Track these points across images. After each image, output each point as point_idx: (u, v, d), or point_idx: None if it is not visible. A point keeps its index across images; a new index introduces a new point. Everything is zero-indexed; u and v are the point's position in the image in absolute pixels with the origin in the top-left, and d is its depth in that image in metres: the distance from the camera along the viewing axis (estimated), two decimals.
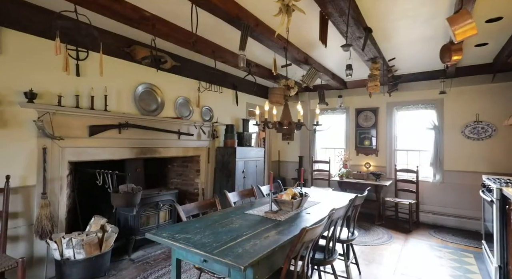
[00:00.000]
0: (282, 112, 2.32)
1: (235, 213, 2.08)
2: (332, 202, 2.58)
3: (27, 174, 2.34)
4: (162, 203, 3.29)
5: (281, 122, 2.22)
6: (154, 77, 3.41)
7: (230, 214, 2.05)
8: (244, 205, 2.41)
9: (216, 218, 1.95)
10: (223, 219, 1.91)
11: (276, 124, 2.21)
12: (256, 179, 4.66)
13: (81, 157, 2.68)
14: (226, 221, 1.87)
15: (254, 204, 2.41)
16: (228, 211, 2.15)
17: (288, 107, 2.33)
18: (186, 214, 1.99)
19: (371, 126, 4.96)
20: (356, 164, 5.11)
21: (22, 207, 2.31)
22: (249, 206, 2.33)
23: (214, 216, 2.00)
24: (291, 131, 2.18)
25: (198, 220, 1.89)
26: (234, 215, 2.02)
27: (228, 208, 2.25)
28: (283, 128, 2.21)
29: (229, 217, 1.96)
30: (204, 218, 1.94)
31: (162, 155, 3.50)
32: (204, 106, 4.17)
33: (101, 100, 2.84)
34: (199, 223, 1.80)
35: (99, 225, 2.57)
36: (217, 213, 2.08)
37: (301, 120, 2.18)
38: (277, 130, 2.31)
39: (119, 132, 2.97)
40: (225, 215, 2.03)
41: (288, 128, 2.20)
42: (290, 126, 2.18)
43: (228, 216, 2.01)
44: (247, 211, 2.15)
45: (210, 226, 1.74)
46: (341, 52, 3.46)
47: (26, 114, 2.31)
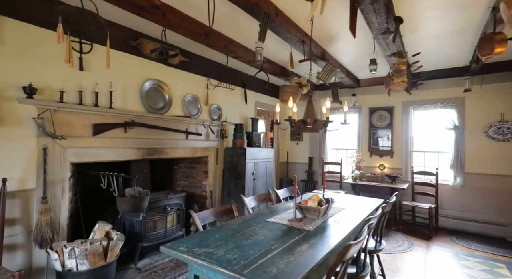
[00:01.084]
0: (306, 109, 2.12)
1: (256, 221, 1.88)
2: (357, 208, 2.37)
3: (26, 176, 2.14)
4: (169, 207, 3.09)
5: (305, 120, 2.01)
6: (162, 73, 3.21)
7: (251, 222, 1.84)
8: (263, 211, 2.20)
9: (236, 227, 1.74)
10: (244, 229, 1.70)
11: (300, 122, 2.00)
12: (266, 181, 4.45)
13: (84, 158, 2.48)
14: (248, 231, 1.67)
15: (273, 210, 2.20)
16: (247, 219, 1.94)
17: (312, 104, 2.13)
18: (202, 222, 1.79)
19: (385, 126, 4.75)
20: (369, 166, 4.90)
21: (20, 213, 2.11)
22: (269, 213, 2.13)
23: (233, 224, 1.79)
24: (315, 129, 1.97)
25: (216, 229, 1.68)
26: (255, 224, 1.82)
27: (247, 215, 2.05)
28: (307, 127, 2.01)
29: (250, 226, 1.76)
30: (223, 227, 1.74)
31: (170, 156, 3.30)
32: (213, 105, 3.97)
33: (106, 97, 2.64)
34: (219, 234, 1.60)
35: (103, 232, 2.37)
36: (236, 221, 1.87)
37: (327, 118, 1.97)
38: (299, 130, 2.11)
39: (125, 132, 2.77)
40: (245, 223, 1.83)
41: (312, 127, 2.00)
42: (314, 125, 1.97)
43: (248, 224, 1.80)
44: (268, 218, 1.94)
45: (232, 238, 1.54)
46: (358, 47, 3.26)
47: (25, 111, 2.11)
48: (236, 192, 3.97)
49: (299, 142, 5.79)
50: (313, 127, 1.99)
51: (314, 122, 1.97)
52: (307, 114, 2.06)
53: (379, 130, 4.80)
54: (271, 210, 2.23)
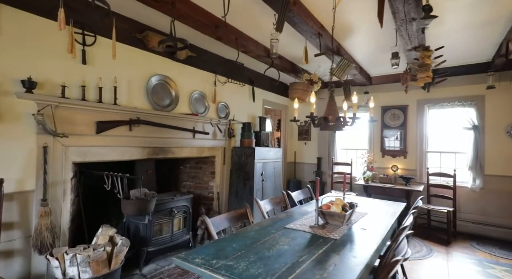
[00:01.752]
0: (327, 106, 1.95)
1: (274, 228, 1.71)
2: (380, 213, 2.20)
3: (25, 177, 1.98)
4: (176, 210, 2.93)
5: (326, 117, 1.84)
6: (168, 69, 3.05)
7: (269, 229, 1.68)
8: (279, 216, 2.03)
9: (254, 234, 1.58)
10: (264, 237, 1.54)
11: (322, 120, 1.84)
12: (274, 182, 4.29)
13: (87, 157, 2.32)
14: (269, 239, 1.50)
15: (290, 215, 2.04)
16: (264, 225, 1.77)
17: (334, 100, 1.96)
18: (215, 229, 1.62)
19: (399, 125, 4.57)
20: (381, 167, 4.71)
21: (18, 216, 1.96)
22: (286, 218, 1.96)
23: (249, 231, 1.63)
24: (338, 127, 1.80)
25: (233, 237, 1.52)
26: (274, 231, 1.65)
27: (264, 221, 1.88)
28: (329, 125, 1.84)
29: (269, 234, 1.59)
30: (240, 234, 1.57)
31: (176, 155, 3.14)
32: (220, 102, 3.81)
33: (110, 92, 2.48)
34: (237, 243, 1.43)
35: (107, 237, 2.21)
36: (252, 228, 1.71)
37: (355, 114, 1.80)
38: (320, 128, 1.94)
39: (130, 130, 2.61)
40: (263, 230, 1.66)
41: (334, 125, 1.83)
42: (337, 122, 1.80)
43: (267, 232, 1.63)
44: (287, 225, 1.77)
45: (252, 248, 1.37)
46: (374, 41, 3.09)
47: (23, 107, 1.96)
48: (244, 193, 3.81)
49: (307, 142, 5.61)
50: (335, 125, 1.82)
51: (336, 120, 1.80)
52: (328, 111, 1.89)
53: (392, 130, 4.62)
54: (288, 214, 2.06)
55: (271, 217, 1.98)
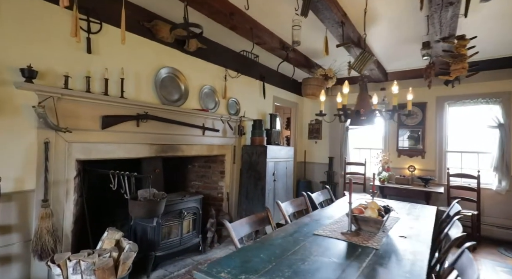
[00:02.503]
0: (359, 98, 1.75)
1: (302, 234, 1.52)
2: (413, 218, 2.00)
3: (24, 175, 1.81)
4: (185, 211, 2.75)
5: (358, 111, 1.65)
6: (177, 61, 2.87)
7: (296, 236, 1.49)
8: (302, 220, 1.84)
9: (281, 242, 1.39)
10: (293, 245, 1.35)
11: (354, 113, 1.64)
12: (286, 182, 4.09)
13: (92, 155, 2.15)
14: (299, 248, 1.31)
15: (315, 219, 1.84)
16: (290, 231, 1.58)
17: (367, 92, 1.76)
18: (237, 235, 1.43)
19: (417, 124, 4.34)
20: (397, 167, 4.49)
21: (16, 218, 1.79)
22: (311, 222, 1.77)
23: (275, 238, 1.44)
24: (370, 121, 1.61)
25: (258, 246, 1.33)
26: (303, 238, 1.46)
27: (288, 226, 1.69)
28: (361, 119, 1.64)
29: (298, 242, 1.40)
30: (265, 242, 1.38)
31: (185, 153, 2.96)
32: (231, 98, 3.62)
33: (117, 85, 2.30)
34: (264, 252, 1.24)
35: (113, 241, 2.03)
36: (277, 234, 1.52)
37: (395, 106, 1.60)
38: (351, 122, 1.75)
39: (137, 125, 2.43)
40: (290, 237, 1.47)
41: (366, 119, 1.63)
42: (369, 116, 1.61)
43: (295, 239, 1.44)
44: (316, 231, 1.58)
45: (283, 258, 1.18)
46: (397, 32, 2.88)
47: (23, 98, 1.79)
48: (255, 194, 3.62)
49: (318, 141, 5.41)
50: (368, 119, 1.63)
51: (369, 113, 1.61)
52: (361, 104, 1.69)
53: (409, 129, 4.40)
54: (312, 218, 1.86)
55: (294, 222, 1.79)
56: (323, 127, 5.36)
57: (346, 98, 1.66)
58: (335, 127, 5.12)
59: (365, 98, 1.71)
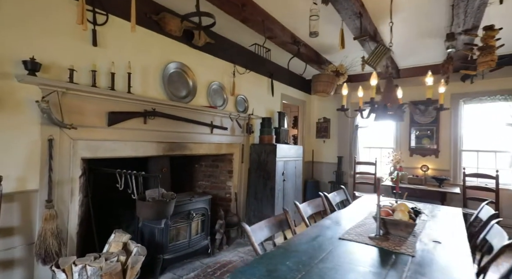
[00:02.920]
0: (386, 91, 1.62)
1: (327, 239, 1.40)
2: (438, 219, 1.87)
3: (27, 174, 1.71)
4: (194, 212, 2.64)
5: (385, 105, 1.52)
6: (185, 56, 2.76)
7: (321, 241, 1.37)
8: (323, 223, 1.72)
9: (306, 248, 1.27)
10: (319, 251, 1.23)
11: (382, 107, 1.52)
12: (295, 182, 3.97)
13: (98, 153, 2.04)
14: (327, 255, 1.19)
15: (337, 222, 1.72)
16: (312, 235, 1.46)
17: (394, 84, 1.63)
18: (256, 240, 1.32)
19: (430, 122, 4.20)
20: (409, 167, 4.35)
21: (19, 220, 1.69)
22: (333, 225, 1.65)
23: (298, 243, 1.32)
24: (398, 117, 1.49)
25: (282, 252, 1.21)
26: (328, 243, 1.34)
27: (309, 230, 1.57)
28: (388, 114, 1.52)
29: (324, 248, 1.28)
30: (288, 248, 1.27)
31: (193, 152, 2.85)
32: (239, 95, 3.51)
33: (124, 79, 2.20)
34: (290, 260, 1.12)
35: (120, 244, 1.93)
36: (299, 238, 1.40)
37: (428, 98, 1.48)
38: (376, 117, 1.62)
39: (145, 123, 2.33)
40: (314, 242, 1.35)
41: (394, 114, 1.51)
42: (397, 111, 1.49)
43: (320, 244, 1.32)
44: (341, 235, 1.46)
45: (312, 266, 1.06)
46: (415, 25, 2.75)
47: (25, 92, 1.68)
48: (264, 194, 3.50)
49: (326, 140, 5.28)
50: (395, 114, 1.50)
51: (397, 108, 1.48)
52: (388, 97, 1.57)
53: (423, 127, 4.26)
54: (333, 221, 1.74)
55: (314, 225, 1.67)
56: (332, 126, 5.23)
57: (374, 90, 1.54)
58: (344, 126, 4.99)
59: (392, 92, 1.59)
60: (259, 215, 3.52)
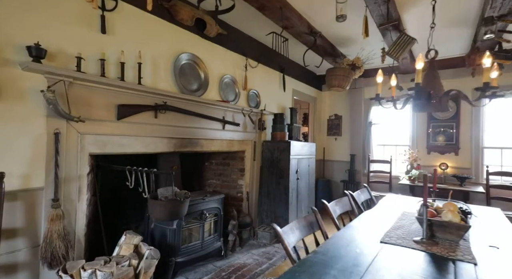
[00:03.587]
0: (427, 77, 1.46)
1: (366, 242, 1.25)
2: (480, 220, 1.70)
3: (31, 170, 1.57)
4: (207, 212, 2.49)
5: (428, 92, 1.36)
6: (197, 47, 2.62)
7: (360, 244, 1.21)
8: (354, 224, 1.56)
9: (346, 252, 1.12)
10: (364, 257, 1.08)
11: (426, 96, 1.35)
12: (309, 181, 3.81)
13: (107, 148, 1.90)
14: (375, 262, 1.04)
15: (367, 224, 1.56)
16: (348, 238, 1.31)
17: (437, 72, 1.47)
18: (289, 244, 1.16)
19: (450, 118, 4.01)
20: (426, 165, 4.17)
21: (23, 220, 1.55)
22: (365, 227, 1.49)
23: (336, 248, 1.17)
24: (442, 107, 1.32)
25: (321, 259, 1.06)
26: (369, 247, 1.18)
27: (342, 232, 1.41)
28: (431, 103, 1.36)
29: (366, 253, 1.13)
30: (326, 253, 1.11)
31: (204, 149, 2.71)
32: (251, 90, 3.35)
33: (134, 70, 2.06)
34: (333, 268, 0.97)
35: (132, 246, 1.78)
36: (336, 242, 1.24)
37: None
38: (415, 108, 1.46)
39: (155, 117, 2.19)
40: (352, 246, 1.20)
41: (438, 104, 1.35)
42: (442, 100, 1.32)
43: (362, 249, 1.17)
44: (380, 238, 1.30)
45: (361, 276, 0.90)
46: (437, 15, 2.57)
47: (29, 82, 1.55)
48: (277, 194, 3.34)
49: (338, 137, 5.11)
50: (440, 103, 1.34)
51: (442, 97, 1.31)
52: (430, 84, 1.40)
53: (441, 123, 4.07)
54: (364, 222, 1.58)
55: (346, 226, 1.50)
56: (344, 123, 5.05)
57: (419, 75, 1.37)
58: (357, 123, 4.81)
59: (436, 78, 1.42)
60: (272, 215, 3.37)
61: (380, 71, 1.63)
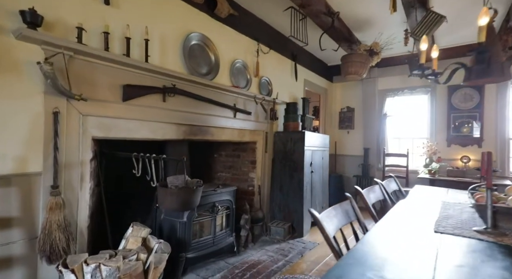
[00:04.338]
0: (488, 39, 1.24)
1: (418, 232, 1.04)
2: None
3: (28, 153, 1.40)
4: (219, 205, 2.31)
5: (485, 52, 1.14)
6: (207, 27, 2.43)
7: (412, 234, 1.01)
8: (395, 215, 1.36)
9: (398, 243, 0.91)
10: (425, 250, 0.87)
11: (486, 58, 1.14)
12: (322, 176, 3.60)
13: (111, 133, 1.73)
14: (439, 254, 0.83)
15: (408, 214, 1.36)
16: (396, 228, 1.10)
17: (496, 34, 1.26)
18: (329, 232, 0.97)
19: (472, 108, 3.78)
20: (446, 158, 3.93)
21: (18, 209, 1.38)
22: (409, 217, 1.29)
23: (387, 239, 0.97)
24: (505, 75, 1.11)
25: (374, 252, 0.86)
26: (424, 237, 0.99)
27: (383, 222, 1.21)
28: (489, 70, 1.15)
29: (424, 244, 0.93)
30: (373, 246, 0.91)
31: (215, 138, 2.52)
32: (263, 77, 3.17)
33: (140, 48, 1.88)
34: (387, 263, 0.77)
35: (139, 240, 1.61)
36: (380, 232, 1.04)
37: None
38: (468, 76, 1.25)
39: (164, 100, 2.01)
40: (406, 237, 1.00)
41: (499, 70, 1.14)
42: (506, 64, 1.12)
43: (416, 240, 0.97)
44: (435, 227, 1.10)
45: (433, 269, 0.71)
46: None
47: (25, 53, 1.38)
48: (290, 187, 3.15)
49: (350, 131, 4.89)
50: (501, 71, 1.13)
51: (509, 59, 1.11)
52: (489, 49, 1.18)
53: (463, 114, 3.84)
54: (403, 213, 1.38)
55: (387, 216, 1.31)
56: (356, 116, 4.84)
57: (483, 33, 1.15)
58: (370, 115, 4.59)
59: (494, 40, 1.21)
60: (286, 210, 3.18)
61: (425, 37, 1.43)
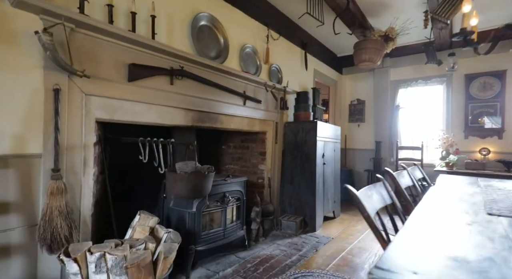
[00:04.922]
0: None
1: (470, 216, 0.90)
2: None
3: (26, 132, 1.29)
4: (230, 195, 2.18)
5: None
6: (215, 8, 2.31)
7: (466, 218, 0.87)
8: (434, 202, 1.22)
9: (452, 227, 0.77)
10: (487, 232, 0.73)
11: None
12: (334, 168, 3.46)
13: (116, 115, 1.61)
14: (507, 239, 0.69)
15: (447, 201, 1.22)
16: (442, 212, 0.96)
17: None
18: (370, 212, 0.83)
19: (492, 97, 3.60)
20: (464, 151, 3.76)
21: (16, 193, 1.27)
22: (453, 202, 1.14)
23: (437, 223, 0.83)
24: None
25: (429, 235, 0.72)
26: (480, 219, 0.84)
27: (421, 207, 1.07)
28: None
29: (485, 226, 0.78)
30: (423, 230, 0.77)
31: (224, 126, 2.40)
32: (273, 65, 3.03)
33: (146, 25, 1.77)
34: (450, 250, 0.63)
35: (147, 229, 1.49)
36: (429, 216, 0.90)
37: None
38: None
39: (171, 83, 1.89)
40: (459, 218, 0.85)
41: None
42: None
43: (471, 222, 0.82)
44: (487, 210, 0.95)
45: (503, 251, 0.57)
46: None
47: (22, 23, 1.27)
48: (302, 179, 3.01)
49: (361, 124, 4.73)
50: None
51: None
52: None
53: (482, 104, 3.66)
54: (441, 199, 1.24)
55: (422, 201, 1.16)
56: (367, 108, 4.67)
57: None
58: (382, 107, 4.43)
59: None
60: (297, 203, 3.04)
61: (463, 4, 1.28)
